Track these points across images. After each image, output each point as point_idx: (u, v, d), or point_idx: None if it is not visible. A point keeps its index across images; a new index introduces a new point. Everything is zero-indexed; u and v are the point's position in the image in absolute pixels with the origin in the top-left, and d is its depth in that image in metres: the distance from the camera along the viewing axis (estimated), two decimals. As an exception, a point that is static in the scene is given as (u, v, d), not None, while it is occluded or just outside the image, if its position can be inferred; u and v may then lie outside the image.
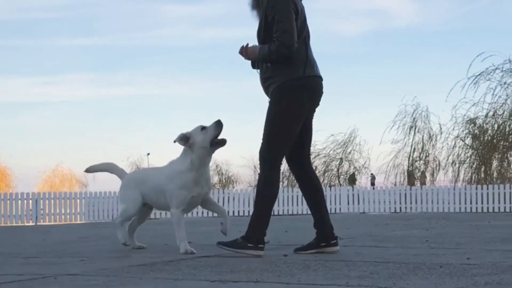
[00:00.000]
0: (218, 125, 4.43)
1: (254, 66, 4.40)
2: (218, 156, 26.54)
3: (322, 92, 4.33)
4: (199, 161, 4.44)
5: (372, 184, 25.66)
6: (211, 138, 4.42)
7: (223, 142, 4.49)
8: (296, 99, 4.16)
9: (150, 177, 4.79)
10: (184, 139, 4.46)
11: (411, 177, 22.90)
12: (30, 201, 16.18)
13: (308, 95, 4.20)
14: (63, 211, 16.54)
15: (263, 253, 4.18)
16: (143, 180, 4.80)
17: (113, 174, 5.17)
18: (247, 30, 34.10)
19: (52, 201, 16.51)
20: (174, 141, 4.50)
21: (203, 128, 4.46)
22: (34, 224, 15.60)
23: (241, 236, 4.25)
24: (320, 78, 4.31)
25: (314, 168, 4.66)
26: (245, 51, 4.29)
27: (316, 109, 4.40)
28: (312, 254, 4.29)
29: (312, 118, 4.43)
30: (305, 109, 4.24)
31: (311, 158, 4.55)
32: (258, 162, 4.35)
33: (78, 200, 16.96)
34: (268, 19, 4.14)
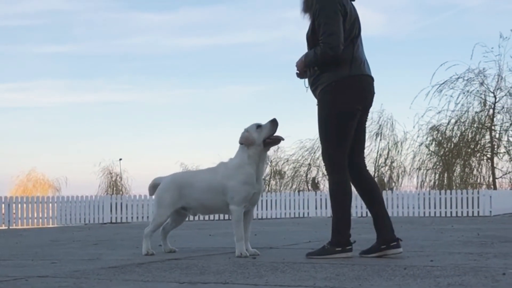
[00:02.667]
0: (273, 124, 4.36)
1: (302, 76, 4.32)
2: (189, 162, 26.55)
3: (372, 91, 4.27)
4: (256, 157, 4.37)
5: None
6: (265, 136, 4.36)
7: (277, 141, 4.45)
8: (344, 99, 4.11)
9: (199, 178, 4.58)
10: (248, 138, 4.36)
11: (380, 183, 23.23)
12: (3, 205, 16.15)
13: (356, 94, 4.14)
14: (35, 215, 16.54)
15: (352, 254, 4.16)
16: (188, 182, 4.58)
17: None
18: (220, 38, 34.22)
19: (25, 205, 16.51)
20: (241, 143, 4.41)
21: (258, 126, 4.39)
22: (6, 227, 15.49)
23: (327, 242, 4.22)
24: (368, 77, 4.24)
25: (283, 173, 4.68)
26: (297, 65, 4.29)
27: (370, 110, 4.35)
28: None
29: (366, 119, 4.35)
30: (355, 108, 4.15)
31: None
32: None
33: (50, 204, 16.98)
34: (315, 22, 4.13)
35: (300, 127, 33.97)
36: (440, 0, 31.06)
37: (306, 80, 4.35)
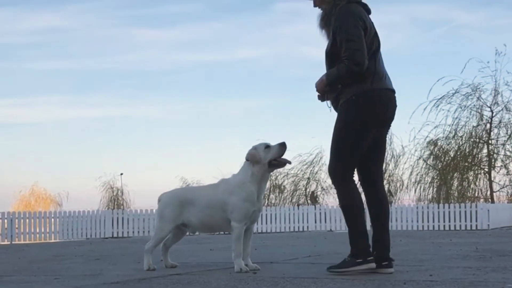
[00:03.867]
0: (282, 147, 4.40)
1: (323, 98, 4.30)
2: (189, 176, 26.56)
3: (394, 105, 4.24)
4: (260, 175, 4.42)
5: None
6: (271, 158, 4.40)
7: (282, 164, 4.50)
8: (362, 112, 4.07)
9: (200, 194, 4.63)
10: (255, 156, 4.40)
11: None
12: (6, 221, 16.12)
13: (376, 108, 4.11)
14: (37, 230, 16.52)
15: (374, 265, 4.07)
16: (190, 199, 4.62)
17: None
18: (218, 54, 34.36)
19: (27, 220, 16.49)
20: (247, 159, 4.46)
21: (267, 146, 4.43)
22: (9, 243, 15.45)
23: (348, 255, 4.17)
24: (390, 91, 4.21)
25: (283, 187, 4.67)
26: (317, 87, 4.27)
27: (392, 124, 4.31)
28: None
29: (386, 134, 4.33)
30: (373, 122, 4.12)
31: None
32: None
33: (52, 219, 16.96)
34: (337, 39, 4.08)
35: (300, 142, 34.01)
36: (435, 16, 31.23)
37: (329, 101, 4.33)
